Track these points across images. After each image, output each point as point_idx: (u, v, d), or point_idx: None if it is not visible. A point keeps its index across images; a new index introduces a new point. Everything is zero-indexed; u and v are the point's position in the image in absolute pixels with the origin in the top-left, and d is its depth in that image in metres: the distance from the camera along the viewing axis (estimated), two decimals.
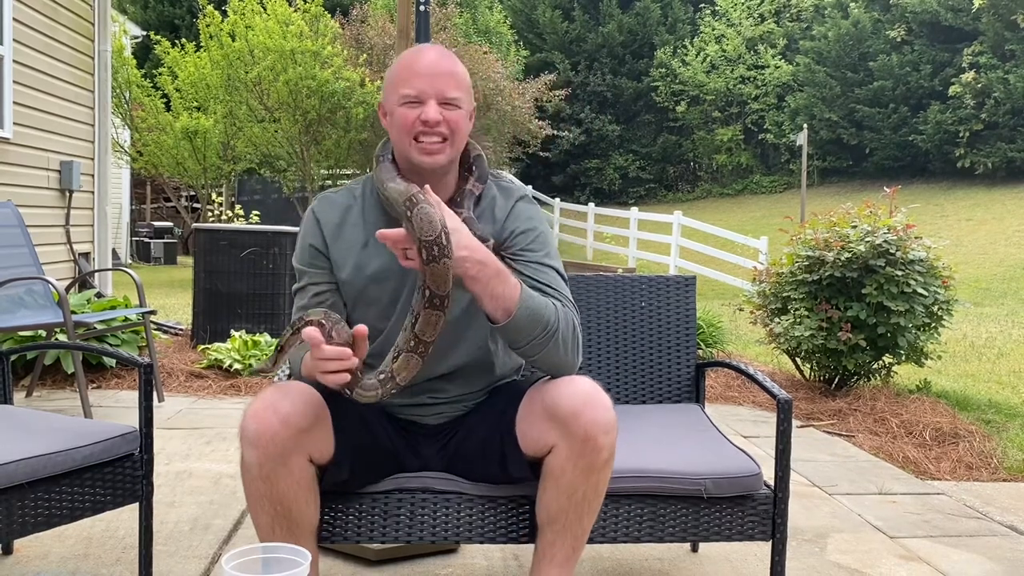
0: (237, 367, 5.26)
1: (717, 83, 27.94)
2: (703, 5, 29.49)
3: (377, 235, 1.73)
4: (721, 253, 15.26)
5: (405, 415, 2.00)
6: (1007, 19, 22.73)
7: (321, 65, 14.23)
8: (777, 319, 5.14)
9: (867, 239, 4.80)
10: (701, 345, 5.82)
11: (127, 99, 14.88)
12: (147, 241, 18.65)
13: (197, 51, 14.95)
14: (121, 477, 2.16)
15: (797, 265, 5.06)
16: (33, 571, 2.46)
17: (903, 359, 5.02)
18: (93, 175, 7.39)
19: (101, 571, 2.48)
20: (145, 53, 18.44)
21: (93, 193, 7.40)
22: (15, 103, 6.09)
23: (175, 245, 18.92)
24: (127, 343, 5.17)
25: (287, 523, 1.81)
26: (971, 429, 4.42)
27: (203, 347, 5.62)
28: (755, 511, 2.08)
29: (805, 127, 20.77)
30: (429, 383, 1.96)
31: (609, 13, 28.51)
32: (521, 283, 1.80)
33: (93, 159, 7.38)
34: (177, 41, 15.51)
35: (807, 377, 5.39)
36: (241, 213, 12.80)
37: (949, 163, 23.70)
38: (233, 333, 5.56)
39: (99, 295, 6.37)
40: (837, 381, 5.18)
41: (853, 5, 25.97)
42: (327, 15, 15.26)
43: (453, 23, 17.93)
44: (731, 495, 2.06)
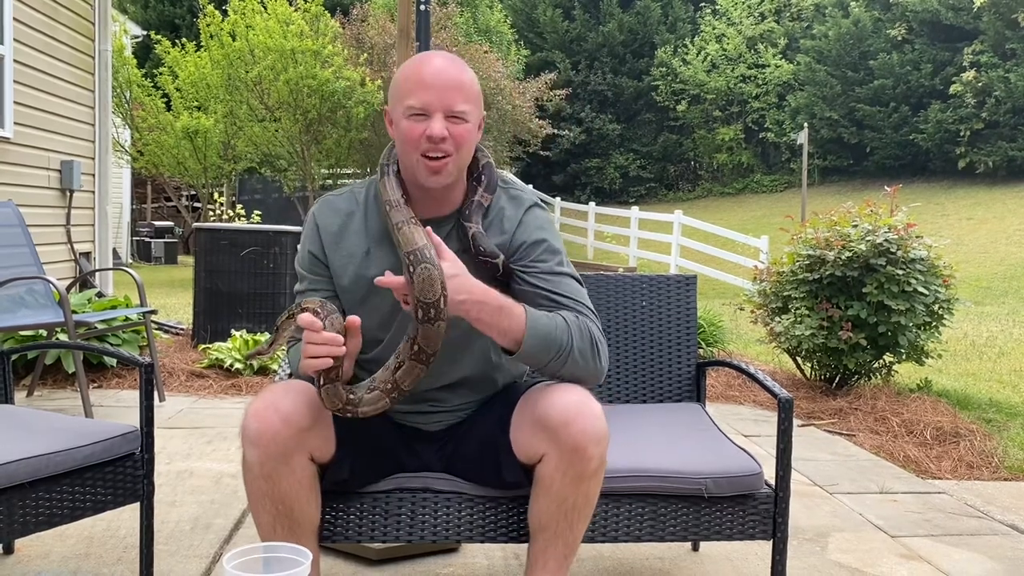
0: (238, 367, 5.27)
1: (718, 82, 27.92)
2: (703, 4, 29.46)
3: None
4: (722, 252, 15.25)
5: (406, 421, 2.00)
6: (1008, 18, 22.71)
7: (321, 64, 14.23)
8: (778, 318, 5.14)
9: (868, 238, 4.80)
10: (702, 344, 5.81)
11: (128, 99, 14.89)
12: (148, 241, 18.66)
13: (197, 51, 14.95)
14: (122, 477, 2.16)
15: (798, 264, 5.06)
16: (34, 570, 2.47)
17: (904, 358, 5.02)
18: (94, 175, 7.39)
19: (102, 570, 2.48)
20: (146, 53, 18.44)
21: (94, 193, 7.41)
22: (16, 103, 6.09)
23: (176, 245, 18.92)
24: (128, 343, 5.17)
25: (288, 522, 1.81)
26: (972, 428, 4.42)
27: (204, 347, 5.62)
28: (756, 510, 2.08)
29: (806, 126, 20.77)
30: (431, 392, 1.95)
31: (609, 12, 28.49)
32: (527, 310, 1.79)
33: (94, 159, 7.38)
34: (177, 41, 15.52)
35: (808, 376, 5.39)
36: (242, 213, 12.79)
37: (950, 162, 23.68)
38: (234, 332, 5.57)
39: (100, 295, 6.38)
40: (838, 380, 5.18)
41: (854, 4, 25.94)
42: (327, 14, 15.27)
43: (454, 22, 17.92)
44: (732, 494, 2.05)
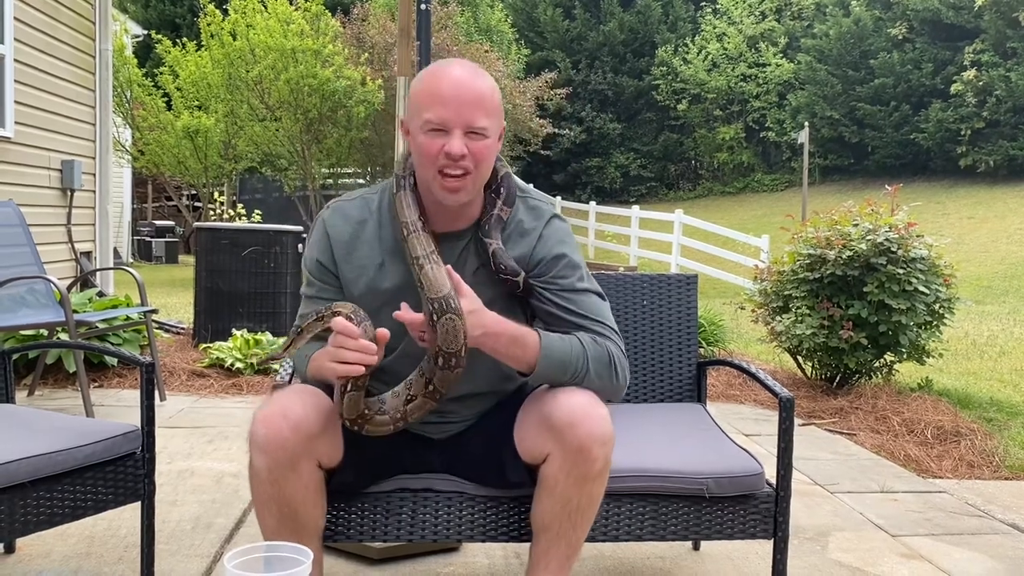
0: (239, 366, 5.27)
1: (718, 81, 27.90)
2: (704, 3, 29.44)
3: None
4: (722, 251, 15.25)
5: (413, 429, 1.98)
6: (1009, 17, 22.69)
7: (322, 64, 14.23)
8: (779, 317, 5.14)
9: (868, 237, 4.79)
10: (703, 344, 5.81)
11: (128, 98, 14.89)
12: (148, 240, 18.67)
13: (198, 50, 14.96)
14: (123, 476, 2.16)
15: (798, 263, 5.06)
16: (35, 570, 2.47)
17: (904, 357, 5.02)
18: (94, 174, 7.39)
19: (103, 570, 2.48)
20: (146, 52, 18.44)
21: (94, 192, 7.40)
22: (16, 102, 6.09)
23: (176, 244, 18.93)
24: (129, 342, 5.17)
25: (293, 525, 1.80)
26: (973, 427, 4.41)
27: (205, 346, 5.62)
28: (757, 510, 2.08)
29: (806, 125, 20.76)
30: (443, 404, 1.93)
31: (610, 11, 28.48)
32: (542, 336, 1.79)
33: (94, 158, 7.38)
34: (178, 40, 15.52)
35: (808, 375, 5.39)
36: (243, 212, 12.79)
37: (951, 161, 23.66)
38: (235, 332, 5.57)
39: (101, 294, 6.38)
40: (839, 379, 5.17)
41: (854, 3, 25.93)
42: (328, 14, 15.26)
43: (454, 21, 17.91)
44: (733, 494, 2.05)
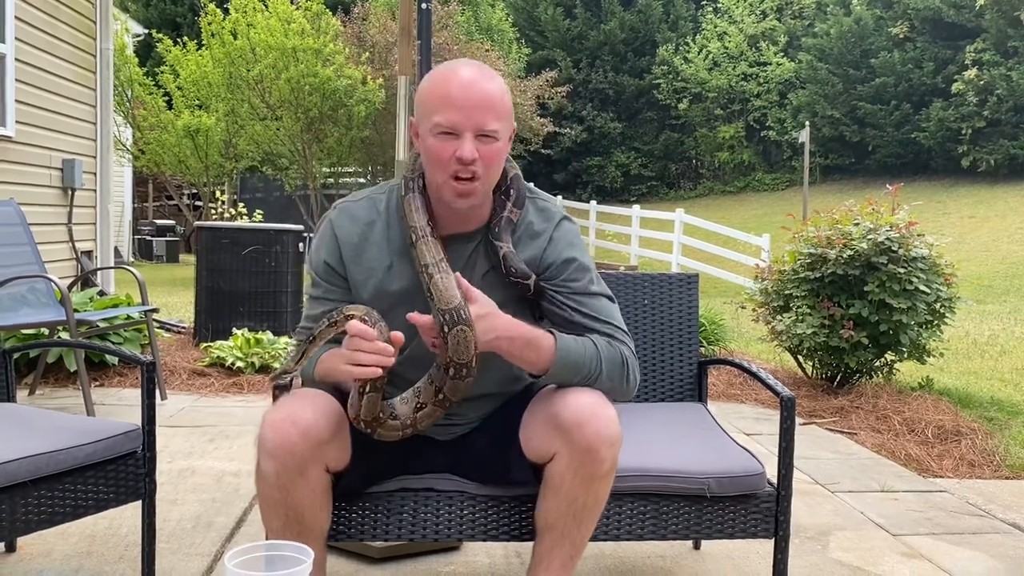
0: (239, 365, 5.27)
1: (719, 80, 27.89)
2: (705, 2, 29.43)
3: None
4: (723, 251, 15.25)
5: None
6: (1010, 16, 22.67)
7: (323, 63, 14.23)
8: (779, 317, 5.14)
9: (869, 236, 4.79)
10: (703, 343, 5.81)
11: (129, 97, 14.90)
12: (149, 239, 18.67)
13: (199, 49, 14.96)
14: (124, 475, 2.16)
15: (799, 263, 5.05)
16: (36, 568, 2.47)
17: (905, 356, 5.02)
18: (95, 173, 7.39)
19: (104, 569, 2.48)
20: (147, 51, 18.45)
21: (95, 191, 7.41)
22: (17, 101, 6.09)
23: (177, 243, 18.94)
24: (129, 341, 5.17)
25: (299, 528, 1.80)
26: (973, 427, 4.41)
27: (205, 345, 5.62)
28: (758, 509, 2.07)
29: (807, 124, 20.75)
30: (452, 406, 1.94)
31: (611, 10, 28.46)
32: (557, 338, 1.79)
33: (95, 157, 7.38)
34: (179, 39, 15.53)
35: (809, 375, 5.39)
36: (244, 211, 12.80)
37: (951, 160, 23.65)
38: (235, 331, 5.57)
39: (101, 293, 6.38)
40: (839, 379, 5.17)
41: (855, 2, 25.92)
42: (328, 13, 15.26)
43: (455, 21, 17.91)
44: (734, 494, 2.05)
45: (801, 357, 5.33)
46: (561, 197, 23.59)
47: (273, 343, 5.49)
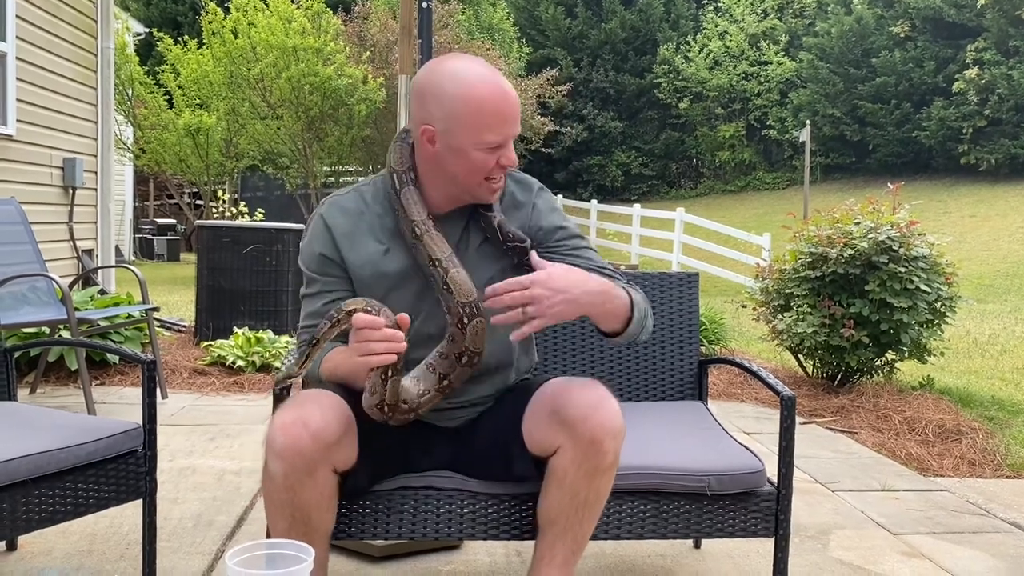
0: (240, 364, 5.27)
1: (720, 79, 27.88)
2: (706, 1, 29.43)
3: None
4: (724, 250, 15.25)
5: (425, 418, 1.98)
6: (1011, 15, 22.66)
7: (323, 62, 14.23)
8: (780, 316, 5.14)
9: (870, 236, 4.79)
10: (704, 342, 5.81)
11: (130, 96, 14.89)
12: (150, 238, 18.69)
13: (200, 48, 14.95)
14: (125, 473, 2.16)
15: (800, 262, 5.05)
16: (37, 567, 2.47)
17: (906, 356, 5.02)
18: (96, 172, 7.40)
19: (105, 567, 2.49)
20: (148, 50, 18.44)
21: (96, 190, 7.41)
22: (18, 100, 6.10)
23: (178, 242, 18.95)
24: (130, 340, 5.18)
25: (305, 529, 1.79)
26: (974, 426, 4.41)
27: (206, 344, 5.62)
28: (758, 508, 2.08)
29: (808, 123, 20.75)
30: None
31: (612, 9, 28.46)
32: (617, 282, 1.86)
33: (96, 156, 7.39)
34: (180, 38, 15.52)
35: (810, 374, 5.39)
36: (245, 210, 12.80)
37: (952, 159, 23.64)
38: (236, 330, 5.57)
39: (102, 292, 6.38)
40: (840, 378, 5.17)
41: (856, 1, 25.90)
42: (329, 12, 15.26)
43: (456, 20, 17.91)
44: (734, 492, 2.05)
45: (802, 356, 5.33)
46: (562, 196, 23.59)
47: (274, 342, 5.50)
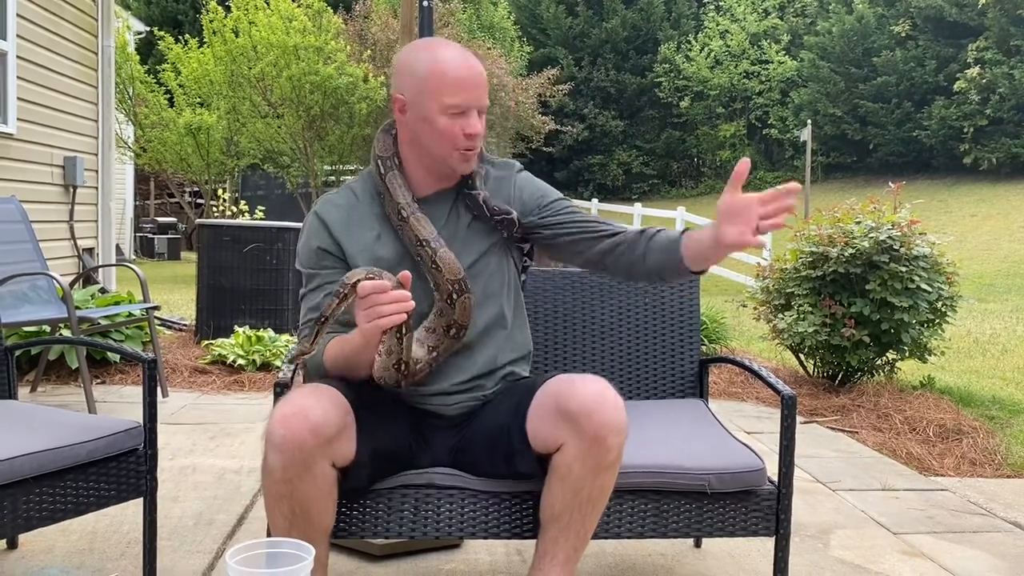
0: (241, 362, 5.27)
1: (721, 79, 27.88)
2: (707, 1, 29.42)
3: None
4: None
5: (426, 405, 1.99)
6: (1012, 14, 22.66)
7: (324, 61, 14.22)
8: (781, 315, 5.14)
9: (871, 235, 4.79)
10: (704, 341, 5.81)
11: (131, 95, 14.88)
12: (151, 237, 18.69)
13: (200, 47, 14.94)
14: (125, 472, 2.16)
15: (801, 261, 5.05)
16: (38, 565, 2.47)
17: (907, 355, 5.02)
18: (97, 171, 7.40)
19: (106, 565, 2.49)
20: (148, 49, 18.44)
21: (97, 189, 7.41)
22: (19, 99, 6.09)
23: (179, 241, 18.95)
24: (131, 339, 5.18)
25: (304, 524, 1.80)
26: (975, 425, 4.41)
27: (207, 343, 5.62)
28: (759, 507, 2.08)
29: (809, 123, 20.76)
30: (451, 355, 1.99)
31: (613, 8, 28.46)
32: (682, 232, 1.94)
33: (97, 155, 7.39)
34: (180, 37, 15.51)
35: (810, 373, 5.39)
36: (246, 209, 12.80)
37: (953, 159, 23.64)
38: (237, 329, 5.57)
39: (103, 291, 6.38)
40: (841, 377, 5.17)
41: (857, 0, 25.89)
42: (330, 11, 15.25)
43: (456, 18, 17.91)
44: (735, 490, 2.05)
45: (802, 355, 5.33)
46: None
47: (274, 340, 5.50)
